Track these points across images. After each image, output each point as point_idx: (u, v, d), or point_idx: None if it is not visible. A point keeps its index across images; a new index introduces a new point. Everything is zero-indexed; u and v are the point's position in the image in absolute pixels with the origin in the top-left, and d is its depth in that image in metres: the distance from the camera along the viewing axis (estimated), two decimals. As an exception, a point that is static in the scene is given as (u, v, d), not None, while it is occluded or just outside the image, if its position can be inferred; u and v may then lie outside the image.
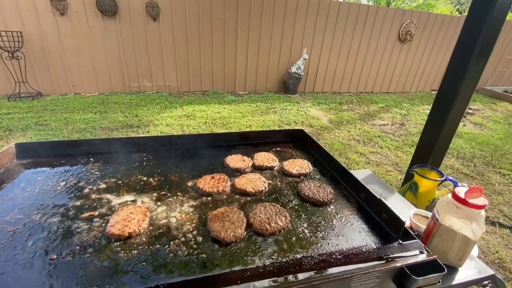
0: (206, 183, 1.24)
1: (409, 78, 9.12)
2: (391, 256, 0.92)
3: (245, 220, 1.03)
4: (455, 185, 2.24)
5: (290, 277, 0.82)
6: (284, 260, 0.89)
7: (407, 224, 1.42)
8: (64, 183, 1.23)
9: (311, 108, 6.98)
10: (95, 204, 1.10)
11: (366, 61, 8.36)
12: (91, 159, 1.43)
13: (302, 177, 1.38)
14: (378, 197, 1.08)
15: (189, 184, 1.27)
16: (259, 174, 1.34)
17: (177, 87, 7.27)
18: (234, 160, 1.44)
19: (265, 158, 1.49)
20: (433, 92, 9.45)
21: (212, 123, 5.58)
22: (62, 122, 5.35)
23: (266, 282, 0.79)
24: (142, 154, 1.51)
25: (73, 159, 1.42)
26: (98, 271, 0.81)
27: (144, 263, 0.85)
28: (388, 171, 4.69)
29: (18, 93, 6.13)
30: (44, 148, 1.44)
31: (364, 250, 0.95)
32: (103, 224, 0.99)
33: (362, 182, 1.19)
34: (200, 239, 0.95)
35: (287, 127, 5.65)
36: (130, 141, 1.56)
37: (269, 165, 1.43)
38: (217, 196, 1.20)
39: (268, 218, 1.03)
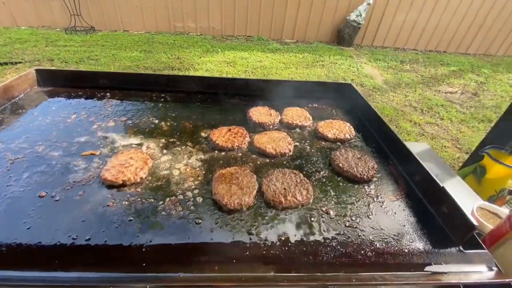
0: (221, 135, 1.05)
1: (498, 37, 7.34)
2: (444, 268, 0.68)
3: (256, 187, 0.84)
4: (540, 177, 1.76)
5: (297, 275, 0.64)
6: (294, 244, 0.70)
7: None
8: (75, 115, 1.14)
9: (366, 65, 6.14)
10: (98, 143, 1.00)
11: (447, 11, 6.81)
12: (108, 93, 1.33)
13: (339, 143, 1.11)
14: (441, 185, 0.79)
15: (203, 134, 1.10)
16: (285, 133, 1.11)
17: (221, 30, 6.87)
18: (259, 113, 1.21)
19: (296, 114, 1.23)
20: (527, 58, 7.60)
21: (252, 73, 5.25)
22: (110, 58, 5.50)
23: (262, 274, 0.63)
24: (160, 94, 1.35)
25: (90, 92, 1.32)
26: (81, 218, 0.72)
27: (131, 218, 0.73)
28: (445, 146, 4.06)
29: (73, 27, 6.38)
30: (64, 77, 1.36)
31: (407, 251, 0.71)
32: (101, 166, 0.89)
33: (420, 160, 0.89)
34: (200, 200, 0.80)
35: (333, 84, 5.08)
36: (151, 78, 1.41)
37: (300, 123, 1.18)
38: (231, 152, 1.01)
39: (285, 189, 0.83)
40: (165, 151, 0.99)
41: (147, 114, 1.19)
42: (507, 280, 0.65)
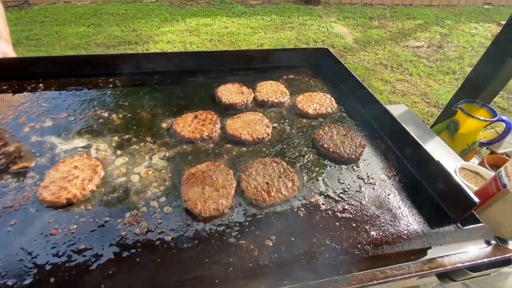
0: (186, 125, 0.89)
1: (461, -14, 7.39)
2: (444, 250, 0.63)
3: (234, 184, 0.72)
4: (508, 126, 1.81)
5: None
6: (284, 249, 0.61)
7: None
8: (-1, 118, 0.91)
9: (335, 24, 5.94)
10: (33, 150, 0.81)
11: (412, -39, 6.64)
12: (41, 84, 1.08)
13: (321, 119, 1.00)
14: (436, 160, 0.72)
15: (164, 125, 0.93)
16: (261, 114, 0.97)
17: (178, -5, 6.20)
18: (229, 92, 1.05)
19: (271, 89, 1.08)
20: (485, 7, 7.78)
21: (219, 41, 4.88)
22: (54, 36, 4.82)
23: None
24: (108, 79, 1.13)
25: (17, 84, 1.07)
26: (17, 256, 0.57)
27: (83, 246, 0.59)
28: (415, 102, 4.17)
29: (3, 2, 5.41)
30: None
31: (405, 236, 0.65)
32: (38, 182, 0.71)
33: (411, 133, 0.81)
34: (168, 210, 0.67)
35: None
36: (92, 60, 1.16)
37: (277, 100, 1.04)
38: (201, 144, 0.87)
39: (267, 183, 0.72)
40: (119, 152, 0.82)
41: (93, 106, 0.99)
42: (507, 255, 0.62)
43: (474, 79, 2.16)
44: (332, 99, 1.06)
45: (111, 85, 1.10)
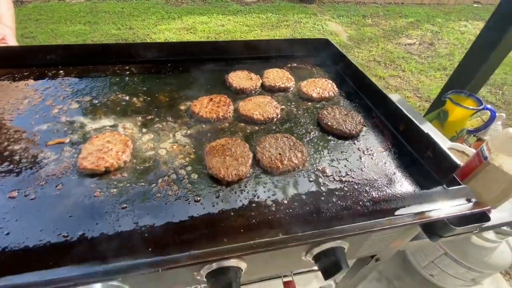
0: (203, 106, 0.98)
1: (450, -14, 7.59)
2: (432, 206, 0.74)
3: (251, 155, 0.82)
4: (493, 114, 1.95)
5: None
6: (298, 205, 0.71)
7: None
8: (27, 101, 0.99)
9: (330, 22, 6.07)
10: (65, 129, 0.89)
11: (403, -40, 6.80)
12: (61, 71, 1.15)
13: (324, 102, 1.11)
14: (425, 132, 0.83)
15: (182, 107, 1.02)
16: (270, 97, 1.07)
17: (174, -8, 6.24)
18: (239, 78, 1.15)
19: (277, 76, 1.18)
20: (474, 5, 8.00)
21: (215, 38, 4.95)
22: (50, 34, 4.82)
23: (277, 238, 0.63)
24: (124, 67, 1.21)
25: (38, 71, 1.14)
26: (67, 214, 0.65)
27: (125, 205, 0.68)
28: (407, 97, 4.32)
29: (-7, -3, 5.35)
30: (2, 56, 1.14)
31: (399, 195, 0.76)
32: (75, 155, 0.80)
33: (403, 109, 0.92)
34: (195, 176, 0.76)
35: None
36: (108, 48, 1.24)
37: (283, 85, 1.14)
38: (217, 123, 0.96)
39: (280, 154, 0.81)
40: (144, 130, 0.91)
41: (114, 91, 1.07)
42: (484, 208, 0.73)
43: (461, 71, 2.29)
44: (334, 84, 1.17)
45: (127, 72, 1.18)
